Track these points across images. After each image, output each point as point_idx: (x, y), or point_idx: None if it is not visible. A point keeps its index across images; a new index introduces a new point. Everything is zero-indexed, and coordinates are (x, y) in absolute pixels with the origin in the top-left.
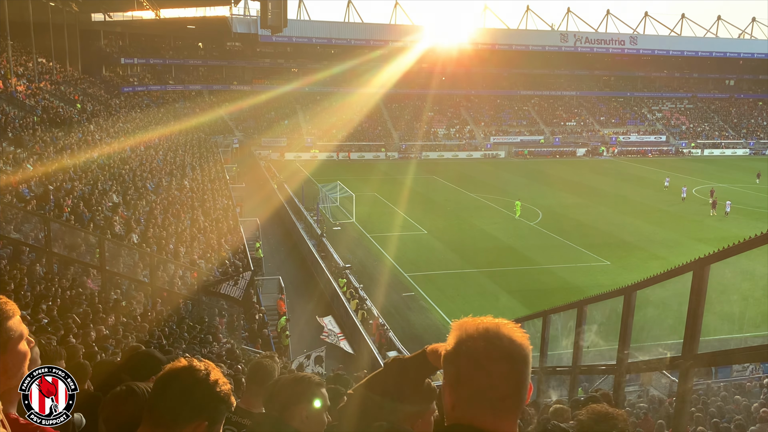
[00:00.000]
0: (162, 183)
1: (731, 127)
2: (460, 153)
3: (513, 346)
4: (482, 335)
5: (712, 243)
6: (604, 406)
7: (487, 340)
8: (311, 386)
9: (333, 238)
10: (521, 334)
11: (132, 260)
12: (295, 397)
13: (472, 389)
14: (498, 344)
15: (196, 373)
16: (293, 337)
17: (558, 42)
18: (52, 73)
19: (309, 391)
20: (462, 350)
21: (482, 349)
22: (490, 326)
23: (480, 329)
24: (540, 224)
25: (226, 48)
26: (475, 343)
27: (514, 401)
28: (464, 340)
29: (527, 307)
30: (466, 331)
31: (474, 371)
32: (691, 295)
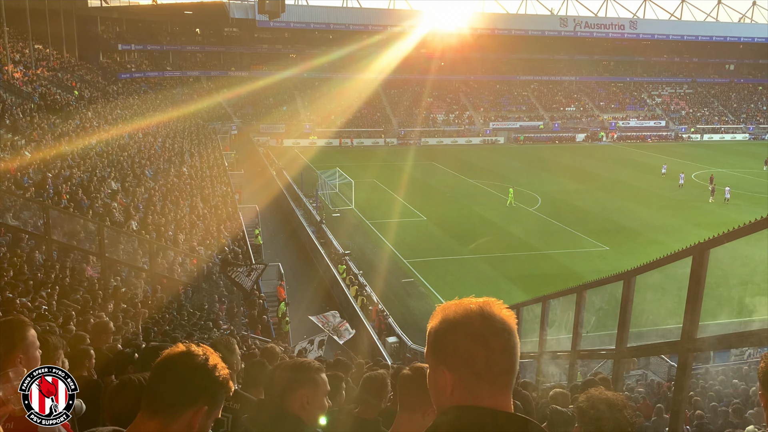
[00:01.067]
0: (161, 170)
1: (731, 111)
2: (459, 139)
3: (506, 320)
4: (477, 313)
5: (711, 228)
6: (602, 390)
7: (483, 317)
8: (310, 371)
9: (332, 225)
10: (507, 309)
11: (131, 247)
12: (294, 383)
13: (475, 368)
14: (494, 320)
15: (195, 358)
16: (293, 323)
17: (558, 27)
18: (49, 60)
19: (308, 377)
20: (460, 330)
21: (480, 326)
22: (482, 304)
23: (473, 308)
24: (539, 210)
25: (224, 34)
26: (473, 321)
27: (511, 376)
28: (459, 321)
29: (526, 292)
30: (459, 311)
31: (476, 349)
32: (691, 280)
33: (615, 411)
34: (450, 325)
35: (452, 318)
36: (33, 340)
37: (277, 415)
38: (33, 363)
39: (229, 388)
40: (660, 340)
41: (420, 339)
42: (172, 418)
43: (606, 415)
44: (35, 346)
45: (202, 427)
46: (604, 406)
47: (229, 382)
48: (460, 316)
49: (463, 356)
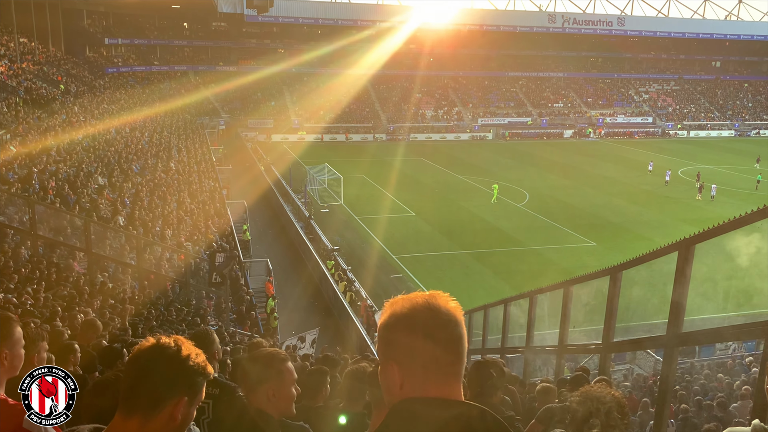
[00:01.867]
0: (148, 165)
1: (717, 108)
2: (447, 135)
3: (452, 312)
4: (423, 306)
5: (697, 224)
6: (594, 387)
7: (429, 310)
8: (274, 363)
9: (321, 221)
10: (454, 301)
11: (118, 243)
12: (259, 378)
13: (422, 360)
14: (439, 312)
15: (166, 350)
16: (282, 319)
17: (546, 23)
18: (35, 54)
19: (272, 370)
20: (406, 324)
21: (426, 319)
22: (428, 297)
23: (419, 301)
24: (527, 206)
25: (212, 28)
26: (418, 314)
27: (458, 366)
28: (405, 315)
29: (514, 287)
30: (406, 305)
31: (423, 341)
32: (676, 275)
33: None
34: (396, 319)
35: (399, 312)
36: (19, 337)
37: (242, 411)
38: (18, 360)
39: (208, 373)
40: (646, 335)
41: None
42: (151, 415)
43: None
44: (21, 343)
45: (184, 417)
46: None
47: (207, 368)
48: (407, 309)
49: (409, 349)
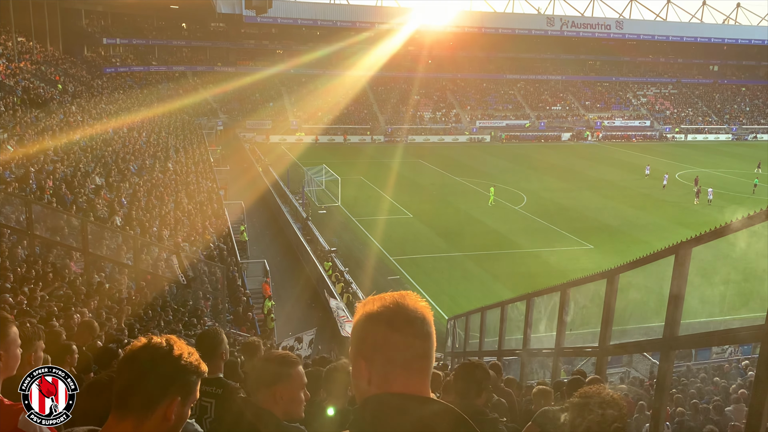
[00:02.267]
0: (145, 165)
1: (714, 112)
2: (445, 137)
3: (419, 309)
4: (392, 303)
5: (694, 227)
6: (596, 389)
7: (397, 305)
8: (285, 366)
9: (318, 222)
10: (423, 301)
11: (115, 243)
12: (268, 379)
13: (387, 354)
14: (407, 308)
15: (158, 350)
16: (279, 320)
17: (544, 26)
18: (32, 53)
19: (282, 372)
20: (374, 320)
21: (392, 314)
22: (396, 296)
23: (388, 299)
24: (524, 208)
25: (210, 29)
26: (388, 310)
27: (425, 361)
28: (374, 312)
29: (511, 290)
30: (376, 303)
31: (389, 335)
32: (673, 279)
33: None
34: (366, 316)
35: (368, 310)
36: (14, 338)
37: (247, 409)
38: (14, 360)
39: (201, 371)
40: (643, 338)
41: None
42: (144, 416)
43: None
44: (17, 343)
45: (178, 416)
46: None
47: (201, 366)
48: (376, 307)
49: (376, 343)
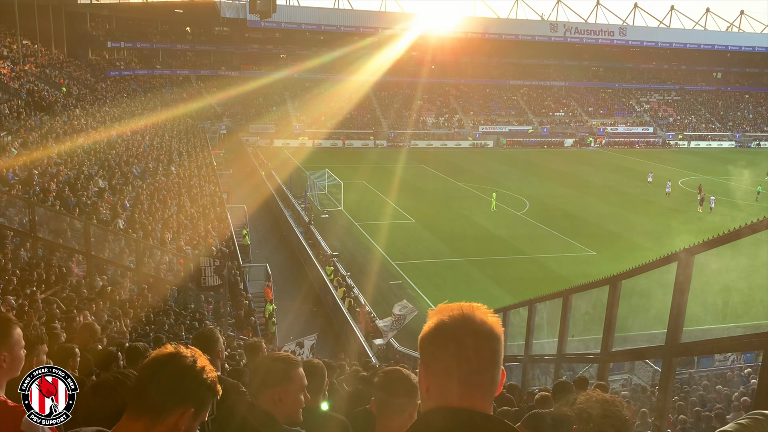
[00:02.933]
0: (148, 169)
1: (718, 119)
2: (448, 142)
3: (486, 323)
4: (458, 313)
5: (697, 234)
6: (599, 392)
7: (463, 317)
8: (286, 368)
9: (321, 226)
10: (494, 315)
11: (118, 246)
12: (268, 380)
13: (445, 363)
14: (472, 320)
15: (183, 360)
16: (281, 324)
17: (548, 32)
18: (37, 56)
19: (282, 374)
20: (439, 328)
21: (458, 324)
22: (465, 306)
23: (456, 309)
24: (527, 214)
25: (214, 33)
26: (454, 320)
27: (482, 377)
28: (441, 320)
29: (514, 296)
30: (446, 312)
31: (448, 344)
32: (675, 285)
33: (611, 410)
34: (432, 324)
35: (437, 318)
36: (18, 339)
37: (248, 411)
38: (17, 362)
39: (217, 391)
40: (645, 345)
41: (407, 341)
42: (158, 420)
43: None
44: (20, 345)
45: (188, 429)
46: (599, 406)
47: (217, 386)
48: (445, 316)
49: (436, 351)
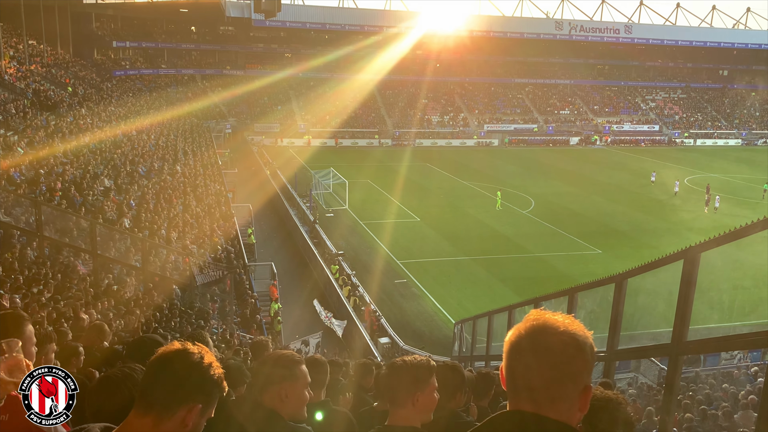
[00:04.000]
0: (154, 168)
1: (724, 117)
2: (453, 140)
3: (548, 339)
4: (541, 323)
5: (703, 232)
6: (601, 390)
7: (543, 327)
8: (289, 365)
9: (326, 225)
10: (581, 330)
11: (124, 245)
12: (273, 378)
13: (519, 371)
14: (535, 338)
15: (191, 357)
16: (286, 323)
17: (553, 30)
18: (43, 56)
19: (286, 372)
20: (521, 334)
21: (538, 333)
22: (549, 318)
23: (541, 320)
24: (532, 212)
25: (219, 32)
26: (519, 336)
27: (552, 390)
28: (526, 327)
29: (519, 294)
30: (530, 320)
31: (524, 354)
32: (682, 284)
33: (617, 411)
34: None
35: (523, 324)
36: (30, 336)
37: (253, 410)
38: (28, 358)
39: (224, 387)
40: (651, 343)
41: (412, 340)
42: (165, 416)
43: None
44: (32, 341)
45: (195, 425)
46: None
47: (224, 383)
48: (528, 323)
49: (511, 360)
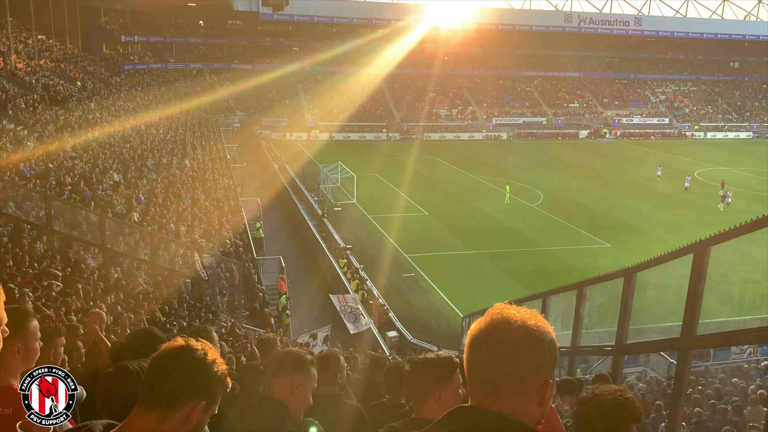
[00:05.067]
0: (163, 162)
1: (735, 110)
2: (462, 134)
3: (505, 334)
4: (496, 318)
5: (713, 226)
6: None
7: (494, 323)
8: (306, 362)
9: (334, 219)
10: (526, 323)
11: (133, 239)
12: (293, 367)
13: (470, 371)
14: (492, 332)
15: (194, 353)
16: (295, 316)
17: (562, 22)
18: (52, 51)
19: (305, 366)
20: (471, 335)
21: (493, 328)
22: (502, 312)
23: (488, 317)
24: (541, 206)
25: (227, 26)
26: (479, 330)
27: (506, 387)
28: (479, 324)
29: (527, 288)
30: (487, 316)
31: (470, 354)
32: (691, 277)
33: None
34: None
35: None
36: (34, 331)
37: (261, 402)
38: (32, 354)
39: (227, 383)
40: (660, 337)
41: (420, 333)
42: (169, 412)
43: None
44: (36, 337)
45: (199, 421)
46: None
47: (227, 378)
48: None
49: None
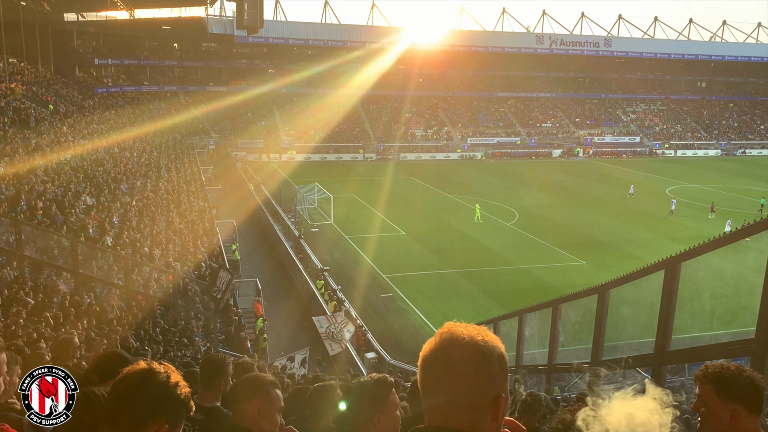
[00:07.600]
0: (136, 185)
1: (703, 128)
2: (437, 154)
3: (454, 352)
4: (445, 337)
5: (685, 242)
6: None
7: (437, 347)
8: (265, 384)
9: (311, 240)
10: (474, 339)
11: (106, 263)
12: (249, 393)
13: (423, 390)
14: (441, 350)
15: (156, 376)
16: (271, 339)
17: (534, 44)
18: (24, 74)
19: (263, 389)
20: (422, 355)
21: (442, 349)
22: (445, 333)
23: (438, 335)
24: (516, 225)
25: (202, 49)
26: (437, 345)
27: (458, 404)
28: (430, 346)
29: (504, 306)
30: (436, 338)
31: (422, 373)
32: (663, 294)
33: None
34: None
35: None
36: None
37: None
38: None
39: (190, 406)
40: (634, 354)
41: (398, 354)
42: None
43: None
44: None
45: None
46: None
47: (190, 401)
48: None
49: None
